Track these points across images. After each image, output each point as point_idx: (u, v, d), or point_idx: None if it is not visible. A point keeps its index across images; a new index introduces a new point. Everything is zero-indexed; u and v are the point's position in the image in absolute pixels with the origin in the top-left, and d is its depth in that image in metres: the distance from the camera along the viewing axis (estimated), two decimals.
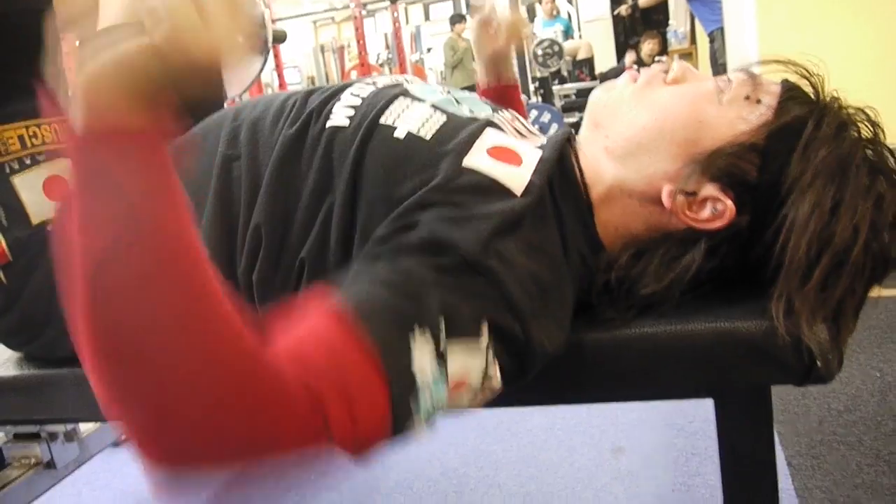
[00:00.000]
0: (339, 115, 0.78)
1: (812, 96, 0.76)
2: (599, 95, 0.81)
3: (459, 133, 0.75)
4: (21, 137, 0.80)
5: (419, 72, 8.35)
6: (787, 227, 0.70)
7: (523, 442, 1.59)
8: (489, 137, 0.75)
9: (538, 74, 7.51)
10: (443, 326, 0.57)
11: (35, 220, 0.81)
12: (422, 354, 0.55)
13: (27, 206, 0.81)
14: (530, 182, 0.71)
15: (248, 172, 0.79)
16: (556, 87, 7.13)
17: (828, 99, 0.76)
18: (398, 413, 0.53)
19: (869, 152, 0.74)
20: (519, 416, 1.69)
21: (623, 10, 8.75)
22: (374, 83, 0.83)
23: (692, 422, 1.56)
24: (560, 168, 0.78)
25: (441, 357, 0.56)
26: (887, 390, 1.59)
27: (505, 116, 0.85)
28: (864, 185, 0.71)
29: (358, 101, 0.79)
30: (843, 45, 3.55)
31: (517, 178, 0.71)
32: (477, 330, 0.60)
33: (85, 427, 1.58)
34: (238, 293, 0.73)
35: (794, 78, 0.79)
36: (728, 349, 0.73)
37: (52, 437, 1.49)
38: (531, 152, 0.76)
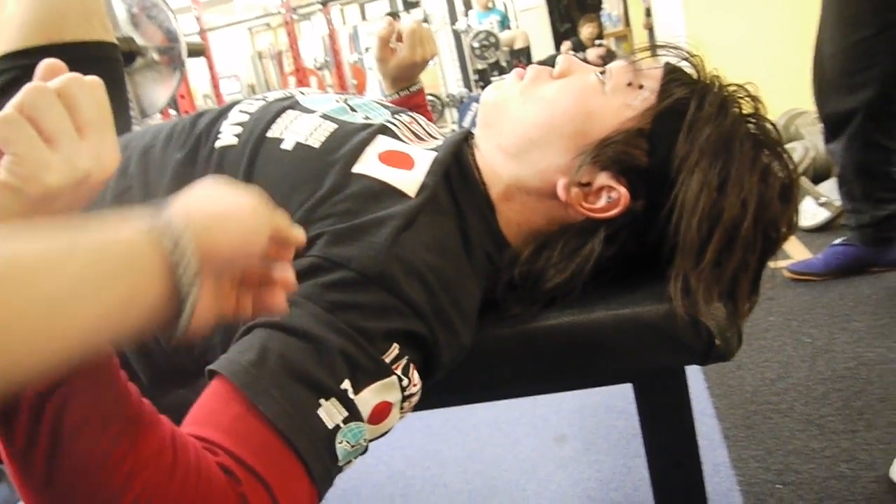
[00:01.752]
0: (227, 134, 0.76)
1: (693, 77, 0.78)
2: (489, 95, 0.82)
3: (350, 140, 0.74)
4: None
5: (358, 73, 8.29)
6: (679, 207, 0.72)
7: (469, 438, 1.60)
8: (380, 143, 0.75)
9: (478, 66, 7.54)
10: (349, 386, 0.57)
11: None
12: (332, 418, 0.56)
13: None
14: (423, 183, 0.71)
15: (141, 201, 0.77)
16: (494, 78, 7.15)
17: (709, 79, 0.77)
18: (321, 483, 0.55)
19: (751, 127, 0.76)
20: (464, 412, 1.69)
21: None
22: (263, 98, 0.82)
23: (632, 403, 1.58)
24: (458, 167, 0.78)
25: (353, 412, 0.57)
26: (817, 355, 1.63)
27: (403, 119, 0.84)
28: (749, 159, 0.73)
29: (245, 118, 0.78)
30: (764, 19, 3.63)
31: (409, 181, 0.71)
32: (383, 360, 0.60)
33: None
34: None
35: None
36: (631, 335, 0.74)
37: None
38: (424, 155, 0.76)
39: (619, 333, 0.74)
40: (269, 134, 0.75)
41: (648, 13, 5.47)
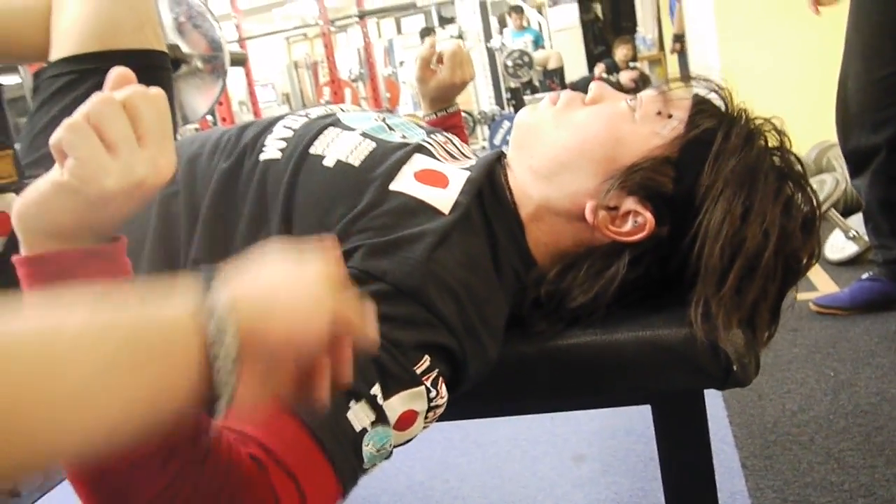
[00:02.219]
0: (272, 148, 0.80)
1: (721, 109, 0.80)
2: (523, 118, 0.84)
3: (388, 158, 0.77)
4: None
5: (392, 86, 8.37)
6: (702, 234, 0.74)
7: (488, 453, 1.61)
8: (417, 162, 0.78)
9: (511, 85, 7.58)
10: (378, 391, 0.60)
11: None
12: (361, 421, 0.59)
13: None
14: (457, 201, 0.74)
15: (186, 207, 0.81)
16: (527, 97, 7.19)
17: (736, 111, 0.79)
18: (346, 482, 0.57)
19: (776, 160, 0.78)
20: (484, 427, 1.71)
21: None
22: (306, 115, 0.86)
23: (650, 427, 1.59)
24: (490, 187, 0.81)
25: (381, 416, 0.60)
26: (840, 389, 1.63)
27: (438, 139, 0.87)
28: (773, 190, 0.75)
29: (290, 134, 0.81)
30: (798, 50, 3.62)
31: (444, 199, 0.74)
32: (414, 371, 0.63)
33: None
34: None
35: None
36: (650, 356, 0.76)
37: None
38: (458, 174, 0.79)
39: (639, 354, 0.76)
40: (312, 150, 0.78)
41: (677, 38, 5.47)
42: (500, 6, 8.96)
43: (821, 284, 2.35)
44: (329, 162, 0.77)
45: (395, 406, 0.62)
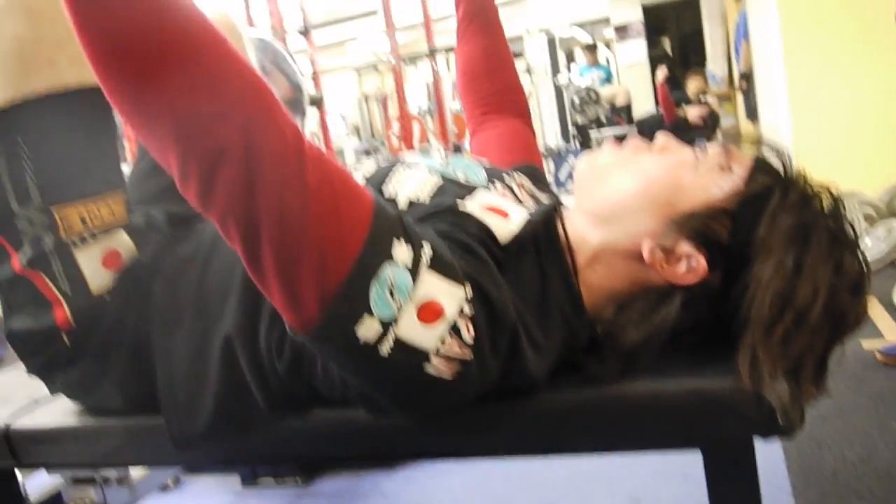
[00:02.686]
0: None
1: (781, 171, 0.84)
2: (586, 164, 0.90)
3: (455, 191, 0.86)
4: (82, 218, 0.93)
5: (459, 121, 8.51)
6: (754, 284, 0.77)
7: (544, 491, 1.65)
8: (482, 197, 0.86)
9: (578, 120, 7.62)
10: (428, 252, 0.69)
11: (94, 290, 0.92)
12: (399, 255, 0.68)
13: (87, 277, 0.92)
14: (516, 235, 0.81)
15: None
16: (593, 133, 7.22)
17: (795, 174, 0.84)
18: (372, 240, 0.67)
19: (831, 223, 0.82)
20: (541, 466, 1.75)
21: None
22: (376, 163, 0.95)
23: None
24: (545, 232, 0.86)
25: (415, 270, 0.68)
26: None
27: (497, 185, 0.94)
28: (825, 251, 0.78)
29: (363, 182, 0.90)
30: (870, 90, 3.57)
31: (504, 229, 0.81)
32: (459, 281, 0.70)
33: (135, 472, 1.70)
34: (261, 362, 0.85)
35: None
36: (697, 406, 0.80)
37: (106, 481, 1.62)
38: (519, 211, 0.85)
39: (686, 403, 0.80)
40: (385, 191, 0.87)
41: (743, 76, 5.43)
42: (568, 42, 9.04)
43: (888, 332, 2.32)
44: (401, 204, 0.85)
45: (430, 281, 0.68)
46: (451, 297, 0.69)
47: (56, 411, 1.05)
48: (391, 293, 0.67)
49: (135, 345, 0.93)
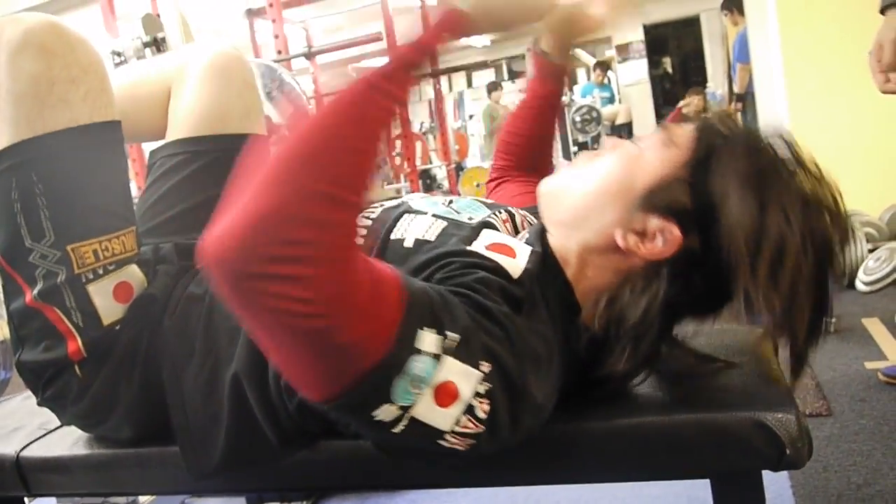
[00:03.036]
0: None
1: (724, 131, 0.84)
2: (547, 183, 0.93)
3: (460, 232, 0.88)
4: (95, 251, 0.94)
5: (461, 139, 8.55)
6: (726, 232, 0.78)
7: None
8: (486, 236, 0.88)
9: (579, 139, 7.67)
10: (456, 336, 0.69)
11: (105, 321, 0.94)
12: (425, 344, 0.67)
13: (99, 310, 0.94)
14: (525, 270, 0.82)
15: None
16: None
17: (740, 129, 0.85)
18: (401, 336, 0.66)
19: (788, 162, 0.81)
20: (548, 490, 1.75)
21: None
22: (381, 205, 0.96)
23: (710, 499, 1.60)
24: (542, 257, 0.87)
25: (437, 356, 0.68)
26: None
27: (500, 217, 0.96)
28: (786, 182, 0.79)
29: (369, 223, 0.92)
30: (873, 112, 3.59)
31: (514, 267, 0.82)
32: (477, 363, 0.70)
33: (143, 500, 1.71)
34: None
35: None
36: (706, 438, 0.81)
37: None
38: (522, 247, 0.87)
39: (694, 435, 0.81)
40: (393, 236, 0.89)
41: (739, 98, 5.45)
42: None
43: (890, 353, 2.32)
44: (409, 243, 0.87)
45: (450, 365, 0.68)
46: (468, 378, 0.69)
47: (67, 440, 1.06)
48: (412, 384, 0.67)
49: (145, 376, 0.94)
